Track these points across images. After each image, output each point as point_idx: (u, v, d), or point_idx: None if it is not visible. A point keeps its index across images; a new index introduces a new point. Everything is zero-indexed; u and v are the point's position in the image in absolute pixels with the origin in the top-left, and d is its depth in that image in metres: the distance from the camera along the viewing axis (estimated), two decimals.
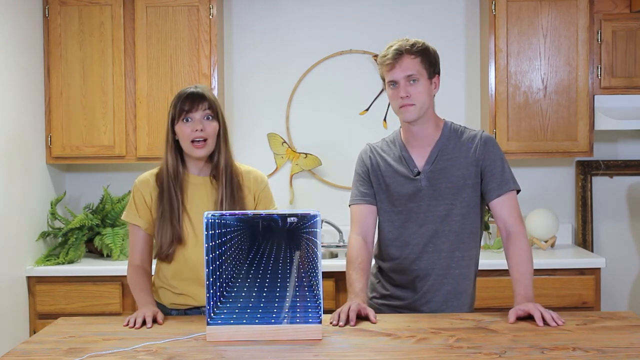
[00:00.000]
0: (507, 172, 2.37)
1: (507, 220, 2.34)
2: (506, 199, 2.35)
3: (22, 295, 3.47)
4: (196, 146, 2.33)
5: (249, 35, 4.05)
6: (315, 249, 1.98)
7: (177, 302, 2.43)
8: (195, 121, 2.33)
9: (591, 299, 3.47)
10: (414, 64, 2.30)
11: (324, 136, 4.06)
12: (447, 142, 2.39)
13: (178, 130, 2.35)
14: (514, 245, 2.31)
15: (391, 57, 2.30)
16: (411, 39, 2.34)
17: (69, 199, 4.02)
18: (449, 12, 4.01)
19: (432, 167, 2.37)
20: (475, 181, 2.37)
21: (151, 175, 2.44)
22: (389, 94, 2.36)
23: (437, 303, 2.40)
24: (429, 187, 2.36)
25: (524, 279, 2.26)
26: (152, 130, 3.73)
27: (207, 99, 2.35)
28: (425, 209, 2.37)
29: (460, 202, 2.36)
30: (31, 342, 2.04)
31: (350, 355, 1.86)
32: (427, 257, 2.38)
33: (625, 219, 4.07)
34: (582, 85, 3.69)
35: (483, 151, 2.37)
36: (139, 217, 2.41)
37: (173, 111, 2.36)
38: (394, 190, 2.40)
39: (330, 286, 3.45)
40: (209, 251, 1.97)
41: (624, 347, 1.89)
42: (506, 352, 1.86)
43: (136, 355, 1.88)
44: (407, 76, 2.30)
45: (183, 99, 2.34)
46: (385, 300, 2.47)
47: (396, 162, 2.42)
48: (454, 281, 2.39)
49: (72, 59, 3.72)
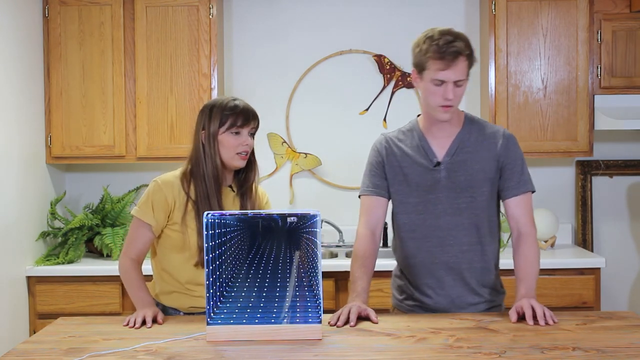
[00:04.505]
0: (526, 173, 2.36)
1: (521, 220, 2.32)
2: (522, 199, 2.33)
3: (22, 295, 3.47)
4: (241, 157, 2.40)
5: (249, 35, 4.05)
6: (315, 249, 1.98)
7: (196, 305, 2.42)
8: (244, 136, 2.39)
9: (591, 298, 3.48)
10: (464, 67, 2.23)
11: (324, 136, 4.06)
12: (467, 135, 2.36)
13: (222, 140, 2.38)
14: (524, 246, 2.29)
15: (450, 57, 2.19)
16: (460, 35, 2.23)
17: (69, 199, 4.02)
18: (449, 12, 4.01)
19: (452, 158, 2.33)
20: (494, 176, 2.34)
21: (174, 177, 2.43)
22: (429, 89, 2.26)
23: (464, 298, 2.35)
24: (447, 178, 2.32)
25: (527, 279, 2.24)
26: (152, 130, 3.73)
27: (257, 118, 2.44)
28: (444, 201, 2.33)
29: (479, 196, 2.33)
30: (31, 342, 2.04)
31: (350, 355, 1.86)
32: (449, 250, 2.34)
33: (625, 219, 4.07)
34: (582, 85, 3.69)
35: (505, 148, 2.34)
36: (153, 217, 2.38)
37: (222, 120, 2.38)
38: (412, 180, 2.35)
39: (330, 286, 3.45)
40: (209, 251, 1.97)
41: (624, 347, 1.89)
42: (506, 352, 1.86)
43: (136, 355, 1.88)
44: (457, 80, 2.22)
45: (238, 113, 2.38)
46: (415, 302, 2.41)
47: (414, 152, 2.37)
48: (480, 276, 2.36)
49: (72, 59, 3.72)
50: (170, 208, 2.39)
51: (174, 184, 2.41)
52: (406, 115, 3.97)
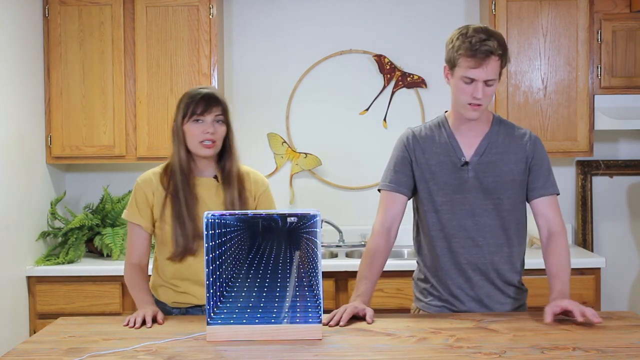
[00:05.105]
0: (552, 176, 2.35)
1: (553, 219, 2.31)
2: (551, 199, 2.33)
3: (22, 295, 3.47)
4: (205, 145, 2.35)
5: (249, 35, 4.05)
6: (315, 248, 1.98)
7: (179, 301, 2.43)
8: (207, 124, 2.34)
9: (591, 299, 3.47)
10: (496, 66, 2.19)
11: (324, 136, 4.06)
12: (496, 136, 2.33)
13: (186, 130, 2.36)
14: (556, 243, 2.28)
15: (482, 56, 2.16)
16: (494, 33, 2.20)
17: (69, 199, 4.02)
18: (449, 12, 4.01)
19: (480, 159, 2.31)
20: (522, 178, 2.32)
21: (154, 174, 2.44)
22: (459, 86, 2.22)
23: (496, 300, 2.34)
24: (475, 178, 2.30)
25: (561, 275, 2.22)
26: (152, 130, 3.73)
27: (221, 103, 2.37)
28: (472, 201, 2.30)
29: (507, 198, 2.31)
30: (31, 342, 2.04)
31: (350, 355, 1.86)
32: (477, 251, 2.32)
33: (625, 219, 4.07)
34: (582, 85, 3.69)
35: (533, 149, 2.33)
36: (140, 216, 2.41)
37: (184, 110, 2.36)
38: (440, 179, 2.32)
39: (330, 286, 3.45)
40: (209, 251, 1.97)
41: (624, 347, 1.89)
42: (506, 352, 1.86)
43: (136, 355, 1.87)
44: (487, 79, 2.20)
45: (197, 100, 2.35)
46: (444, 302, 2.38)
47: (442, 149, 2.33)
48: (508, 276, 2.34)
49: (72, 59, 3.72)
50: (151, 204, 2.40)
51: (152, 180, 2.42)
52: (406, 115, 4.01)
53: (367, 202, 3.98)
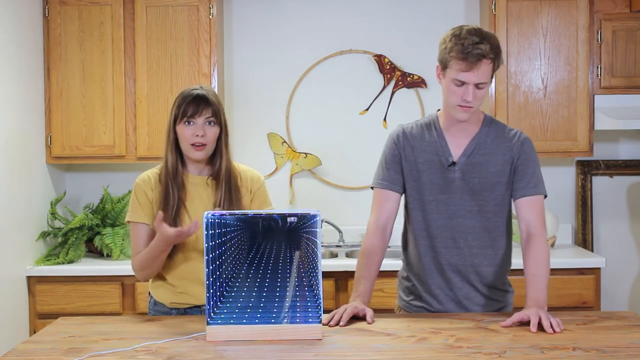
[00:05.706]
0: (538, 176, 2.32)
1: (532, 221, 2.28)
2: (534, 200, 2.29)
3: (22, 295, 3.47)
4: (196, 149, 2.36)
5: (249, 35, 4.05)
6: (315, 248, 1.98)
7: (178, 301, 2.43)
8: (197, 126, 2.34)
9: (591, 298, 3.48)
10: (488, 69, 2.18)
11: (324, 136, 4.06)
12: (485, 137, 2.33)
13: (179, 131, 2.37)
14: (534, 247, 2.25)
15: (473, 59, 2.14)
16: (488, 36, 2.18)
17: (69, 199, 4.02)
18: (449, 12, 4.01)
19: (467, 159, 2.30)
20: (508, 179, 2.31)
21: (152, 173, 2.46)
22: (450, 88, 2.22)
23: (475, 302, 2.35)
24: (461, 179, 2.30)
25: (537, 282, 2.20)
26: (152, 130, 3.73)
27: (212, 105, 2.36)
28: (457, 202, 2.30)
29: (493, 199, 2.30)
30: (31, 342, 2.04)
31: (350, 355, 1.86)
32: (458, 253, 2.32)
33: (625, 219, 4.07)
34: (582, 85, 3.69)
35: (520, 150, 2.31)
36: (144, 214, 2.40)
37: (176, 111, 2.36)
38: (427, 177, 2.32)
39: (330, 286, 3.45)
40: (209, 251, 1.97)
41: (624, 347, 1.89)
42: (506, 352, 1.86)
43: (136, 355, 1.88)
44: (478, 82, 2.18)
45: (188, 102, 2.35)
46: (423, 302, 2.39)
47: (431, 148, 2.33)
48: (489, 278, 2.34)
49: (72, 59, 3.72)
50: (151, 201, 2.41)
51: (150, 179, 2.43)
52: (406, 115, 4.01)
53: (367, 202, 3.91)
